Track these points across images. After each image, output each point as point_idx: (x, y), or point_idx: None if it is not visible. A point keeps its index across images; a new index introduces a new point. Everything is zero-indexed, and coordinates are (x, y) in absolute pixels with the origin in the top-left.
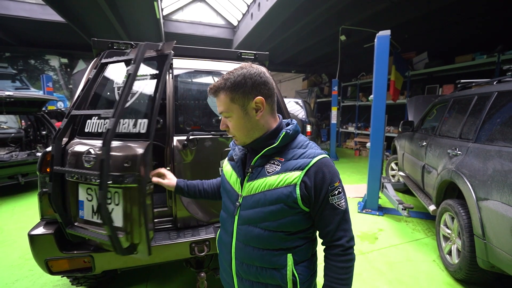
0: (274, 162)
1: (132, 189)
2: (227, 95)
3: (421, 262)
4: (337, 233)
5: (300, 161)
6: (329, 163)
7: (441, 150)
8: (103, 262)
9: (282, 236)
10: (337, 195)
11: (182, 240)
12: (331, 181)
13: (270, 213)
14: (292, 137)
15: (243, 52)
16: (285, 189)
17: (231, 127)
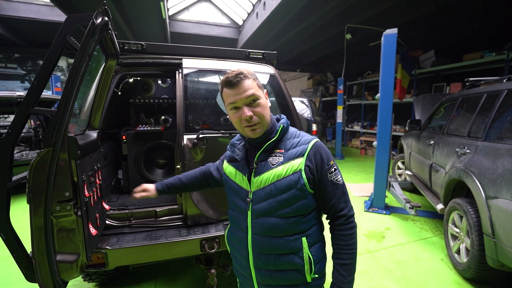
0: (275, 154)
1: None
2: (255, 81)
3: (429, 261)
4: (340, 205)
5: (299, 148)
6: (322, 145)
7: (449, 148)
8: (116, 258)
9: (296, 220)
10: (334, 172)
11: (193, 237)
12: (327, 160)
13: (284, 200)
14: (286, 129)
15: (252, 52)
16: (293, 176)
17: (259, 112)
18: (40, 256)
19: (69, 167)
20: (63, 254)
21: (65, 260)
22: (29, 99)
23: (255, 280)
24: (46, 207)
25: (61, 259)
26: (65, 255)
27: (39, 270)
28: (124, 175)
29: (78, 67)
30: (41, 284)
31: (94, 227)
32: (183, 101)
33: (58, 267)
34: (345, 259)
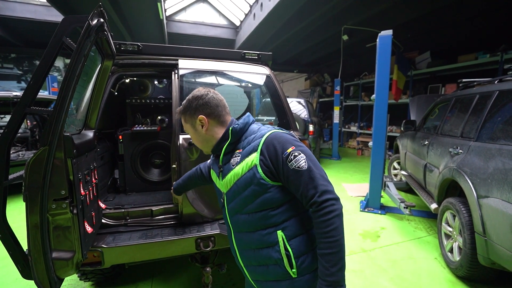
0: (235, 155)
1: None
2: (182, 117)
3: (423, 259)
4: (308, 192)
5: (253, 144)
6: (277, 135)
7: (442, 148)
8: (112, 256)
9: (264, 214)
10: (294, 159)
11: (188, 235)
12: (283, 148)
13: (246, 198)
14: (242, 129)
15: (247, 52)
16: (249, 172)
17: (193, 141)
18: (36, 253)
19: (65, 166)
20: (58, 251)
21: (61, 257)
22: (26, 99)
23: (248, 276)
24: (42, 205)
25: (57, 256)
26: (61, 252)
27: (35, 267)
28: (120, 175)
29: (74, 67)
30: (37, 281)
31: (90, 225)
32: (179, 101)
33: (54, 264)
34: (324, 248)
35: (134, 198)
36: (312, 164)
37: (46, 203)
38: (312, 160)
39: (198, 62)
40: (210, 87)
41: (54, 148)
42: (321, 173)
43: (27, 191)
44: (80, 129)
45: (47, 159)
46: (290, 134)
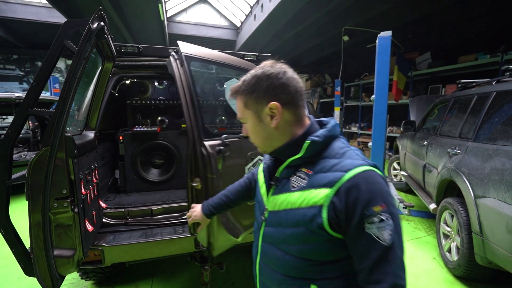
0: (300, 174)
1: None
2: (241, 100)
3: (422, 259)
4: (373, 275)
5: (330, 175)
6: (370, 179)
7: (441, 149)
8: (112, 255)
9: (306, 264)
10: (377, 223)
11: (187, 235)
12: (369, 203)
13: (291, 236)
14: (323, 144)
15: (246, 54)
16: (308, 210)
17: (249, 134)
18: (38, 251)
19: (66, 166)
20: (60, 249)
21: (62, 255)
22: (28, 100)
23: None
24: (44, 204)
25: (59, 254)
26: (62, 250)
27: (37, 265)
28: (121, 175)
29: (75, 69)
30: (39, 278)
31: (90, 224)
32: (192, 96)
33: (56, 262)
34: None
35: (135, 198)
36: (397, 241)
37: (48, 202)
38: (398, 234)
39: (202, 49)
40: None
41: (55, 148)
42: (401, 257)
43: (29, 190)
44: (81, 130)
45: (49, 159)
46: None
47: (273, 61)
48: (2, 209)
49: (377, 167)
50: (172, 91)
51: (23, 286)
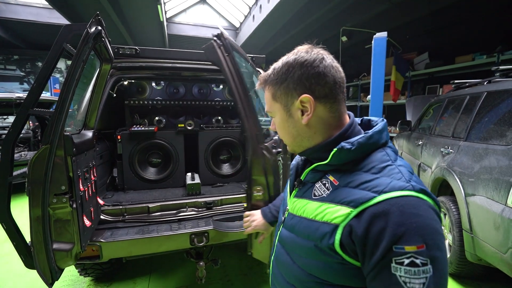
0: (326, 182)
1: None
2: (270, 91)
3: None
4: None
5: (357, 193)
6: (409, 209)
7: (435, 148)
8: (110, 250)
9: (312, 280)
10: (407, 267)
11: (183, 231)
12: (400, 239)
13: (301, 247)
14: (356, 153)
15: None
16: (321, 226)
17: (277, 130)
18: (38, 244)
19: (65, 163)
20: (59, 243)
21: (61, 248)
22: (29, 101)
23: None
24: (43, 199)
25: (57, 247)
26: (61, 244)
27: (37, 257)
28: (119, 173)
29: (73, 71)
30: (39, 270)
31: (88, 219)
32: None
33: (55, 255)
34: None
35: (132, 195)
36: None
37: (47, 197)
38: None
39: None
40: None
41: (55, 146)
42: None
43: (30, 186)
44: (80, 129)
45: (49, 156)
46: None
47: (310, 45)
48: (4, 203)
49: (428, 194)
50: (169, 92)
51: (23, 282)
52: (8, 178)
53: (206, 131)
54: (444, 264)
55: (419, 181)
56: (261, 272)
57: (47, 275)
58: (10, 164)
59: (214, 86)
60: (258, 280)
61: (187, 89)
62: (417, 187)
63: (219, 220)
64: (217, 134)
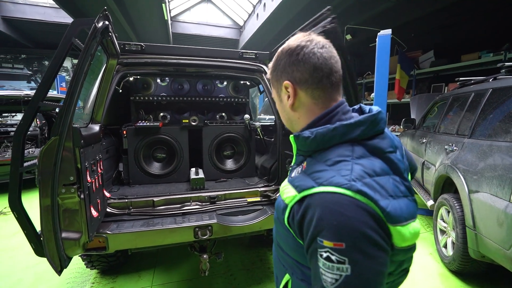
0: (300, 167)
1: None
2: (272, 72)
3: (418, 255)
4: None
5: (305, 180)
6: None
7: (439, 146)
8: (116, 242)
9: (279, 246)
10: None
11: (187, 224)
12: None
13: (275, 219)
14: (317, 143)
15: (244, 52)
16: (281, 202)
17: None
18: (47, 233)
19: (73, 155)
20: (67, 232)
21: (70, 237)
22: (39, 94)
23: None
24: (53, 189)
25: (66, 236)
26: (70, 233)
27: (47, 246)
28: (124, 168)
29: (82, 65)
30: (49, 258)
31: (95, 210)
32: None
33: (63, 243)
34: None
35: (137, 189)
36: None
37: (56, 187)
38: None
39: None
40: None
41: (64, 138)
42: None
43: (40, 176)
44: (87, 123)
45: (58, 147)
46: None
47: (304, 33)
48: (15, 193)
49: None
50: (174, 88)
51: (31, 273)
52: (19, 168)
53: (210, 127)
54: (365, 270)
55: (371, 183)
56: (263, 267)
57: (56, 262)
58: (21, 155)
59: (218, 82)
60: (260, 275)
61: (192, 85)
62: (355, 187)
63: (223, 215)
64: (221, 130)
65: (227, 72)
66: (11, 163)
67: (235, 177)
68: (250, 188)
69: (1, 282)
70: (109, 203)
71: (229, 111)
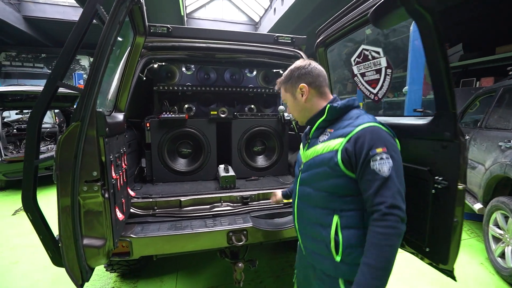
0: (325, 133)
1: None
2: (283, 87)
3: (467, 264)
4: (376, 198)
5: (345, 130)
6: (374, 130)
7: (489, 143)
8: (140, 247)
9: (327, 196)
10: (378, 160)
11: (219, 228)
12: (372, 146)
13: (317, 174)
14: (341, 110)
15: (280, 36)
16: (328, 154)
17: (289, 111)
18: (66, 239)
19: (97, 145)
20: (90, 238)
21: (92, 244)
22: (57, 71)
23: (300, 241)
24: (73, 187)
25: (88, 243)
26: (92, 239)
27: (66, 254)
28: (147, 164)
29: (107, 36)
30: (68, 269)
31: (121, 212)
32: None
33: (85, 252)
34: (371, 258)
35: (162, 188)
36: (395, 175)
37: (77, 184)
38: (397, 171)
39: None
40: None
41: (86, 124)
42: (400, 188)
43: (58, 170)
44: (111, 111)
45: (79, 135)
46: (389, 132)
47: (303, 59)
48: (29, 191)
49: (383, 125)
50: (200, 77)
51: (49, 274)
52: (34, 161)
53: (241, 120)
54: (398, 161)
55: (377, 120)
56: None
57: (77, 274)
58: (36, 144)
59: (248, 71)
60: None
61: (219, 74)
62: (377, 122)
63: (257, 217)
64: (252, 123)
65: (261, 58)
66: (25, 155)
67: (266, 175)
68: (286, 187)
69: (19, 282)
70: (132, 202)
71: (258, 103)
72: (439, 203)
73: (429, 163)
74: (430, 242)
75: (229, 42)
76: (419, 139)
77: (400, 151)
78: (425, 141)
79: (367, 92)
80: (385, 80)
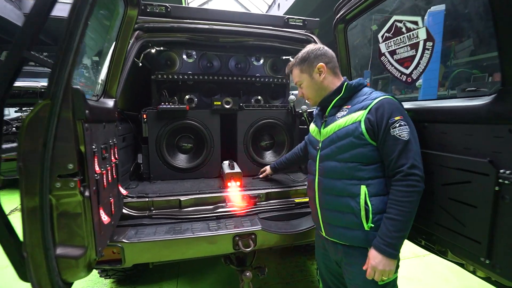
0: (342, 109)
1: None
2: (297, 69)
3: None
4: (399, 161)
5: (363, 103)
6: (390, 101)
7: None
8: (134, 253)
9: (354, 166)
10: (398, 127)
11: (224, 232)
12: (391, 115)
13: (342, 146)
14: (356, 88)
15: (291, 18)
16: (352, 125)
17: (304, 92)
18: (33, 248)
19: (74, 130)
20: (65, 246)
21: (68, 254)
22: (24, 37)
23: (320, 219)
24: (42, 182)
25: (63, 253)
26: (68, 248)
27: (32, 267)
28: (144, 160)
29: None
30: (35, 286)
31: (107, 214)
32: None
33: (58, 264)
34: (393, 214)
35: (159, 186)
36: (412, 138)
37: (47, 179)
38: (414, 136)
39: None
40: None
41: (58, 103)
42: (418, 150)
43: (21, 162)
44: (98, 96)
45: (49, 118)
46: (400, 103)
47: (315, 43)
48: None
49: (394, 97)
50: (202, 66)
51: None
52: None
53: (247, 111)
54: (412, 127)
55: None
56: (305, 280)
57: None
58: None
59: (254, 60)
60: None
61: (223, 62)
62: (390, 95)
63: (266, 219)
64: (260, 115)
65: (270, 42)
66: None
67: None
68: (298, 185)
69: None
70: (126, 202)
71: (266, 94)
72: (505, 202)
73: (489, 153)
74: (491, 252)
75: (235, 24)
76: (473, 123)
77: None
78: (483, 126)
79: (396, 73)
80: (423, 56)
